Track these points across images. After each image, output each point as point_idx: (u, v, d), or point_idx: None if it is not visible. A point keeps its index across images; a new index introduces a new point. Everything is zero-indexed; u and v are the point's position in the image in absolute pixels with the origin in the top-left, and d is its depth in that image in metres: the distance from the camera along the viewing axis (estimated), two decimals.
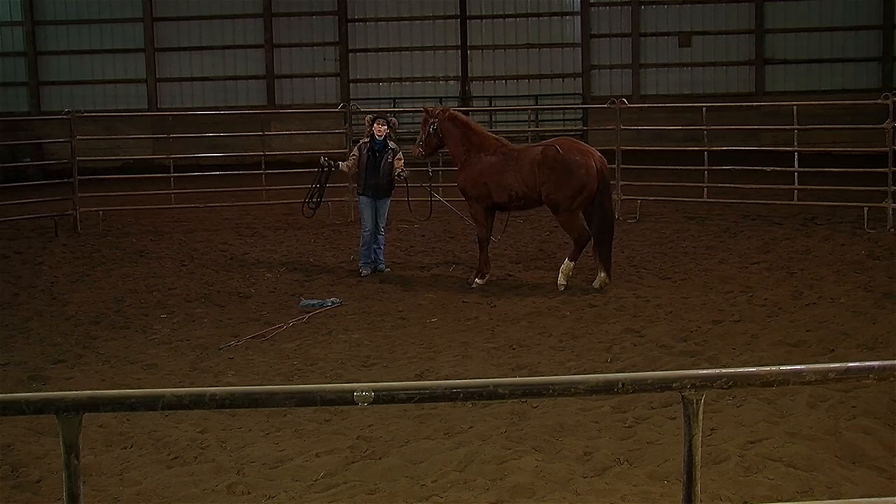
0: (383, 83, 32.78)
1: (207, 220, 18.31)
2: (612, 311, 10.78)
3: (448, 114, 12.83)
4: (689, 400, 3.17)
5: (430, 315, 10.94)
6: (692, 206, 17.84)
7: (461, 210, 14.44)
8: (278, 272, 13.58)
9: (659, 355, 8.97)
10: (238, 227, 17.53)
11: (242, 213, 18.78)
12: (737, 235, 15.34)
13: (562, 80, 32.16)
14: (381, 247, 13.48)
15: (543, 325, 10.28)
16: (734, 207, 17.51)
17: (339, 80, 32.48)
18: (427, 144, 12.93)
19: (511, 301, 11.45)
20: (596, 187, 11.62)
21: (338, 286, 12.59)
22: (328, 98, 32.00)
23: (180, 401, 3.13)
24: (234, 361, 9.31)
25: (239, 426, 7.31)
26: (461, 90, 32.31)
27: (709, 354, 8.89)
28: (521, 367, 8.79)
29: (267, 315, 11.13)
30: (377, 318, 10.86)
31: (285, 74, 32.49)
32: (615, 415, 7.27)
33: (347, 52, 32.47)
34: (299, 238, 16.34)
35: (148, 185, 19.78)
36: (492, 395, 3.22)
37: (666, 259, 13.70)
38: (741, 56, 31.01)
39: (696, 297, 11.27)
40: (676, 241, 15.04)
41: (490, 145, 12.36)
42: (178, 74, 32.42)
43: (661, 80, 31.59)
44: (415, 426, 7.18)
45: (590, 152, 11.84)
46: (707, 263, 13.27)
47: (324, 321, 10.78)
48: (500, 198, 12.15)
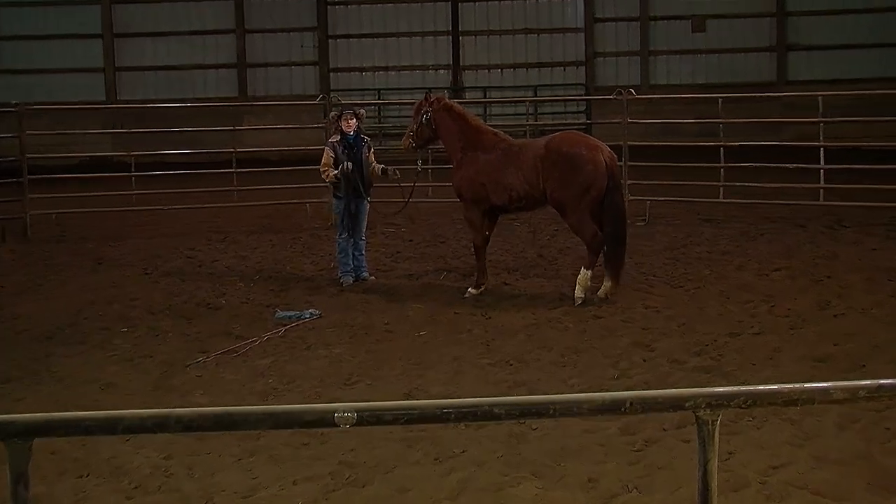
0: (367, 72, 32.83)
1: (173, 223, 18.28)
2: (619, 323, 10.78)
3: (443, 103, 12.79)
4: (704, 420, 3.17)
5: (419, 328, 10.92)
6: (707, 207, 17.87)
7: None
8: (251, 281, 13.56)
9: (671, 371, 8.98)
10: (207, 232, 17.50)
11: (212, 216, 18.75)
12: (756, 239, 15.37)
13: (563, 68, 32.25)
14: (363, 253, 13.47)
15: (543, 338, 10.28)
16: (753, 209, 17.54)
17: (318, 70, 32.52)
18: (418, 136, 12.85)
19: (508, 312, 11.45)
20: (605, 185, 11.57)
21: (317, 296, 12.57)
22: (306, 89, 32.03)
23: (143, 423, 3.12)
24: (202, 379, 9.29)
25: (208, 451, 7.29)
26: (452, 80, 32.37)
27: (726, 370, 8.89)
28: (518, 384, 8.78)
29: (239, 328, 11.10)
30: (360, 332, 10.85)
31: (258, 63, 32.51)
32: (623, 437, 7.27)
33: (327, 38, 32.51)
34: (274, 243, 16.32)
35: (106, 186, 19.71)
36: (487, 416, 3.22)
37: (678, 266, 13.71)
38: (761, 42, 31.12)
39: (712, 308, 11.28)
40: (690, 246, 15.05)
41: (488, 141, 12.31)
42: (140, 63, 32.40)
43: (672, 69, 31.68)
44: (402, 450, 7.17)
45: (598, 147, 11.76)
46: (723, 270, 13.28)
47: (301, 335, 10.76)
48: (499, 199, 12.10)
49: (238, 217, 18.62)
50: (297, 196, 18.88)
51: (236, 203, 18.92)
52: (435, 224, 17.49)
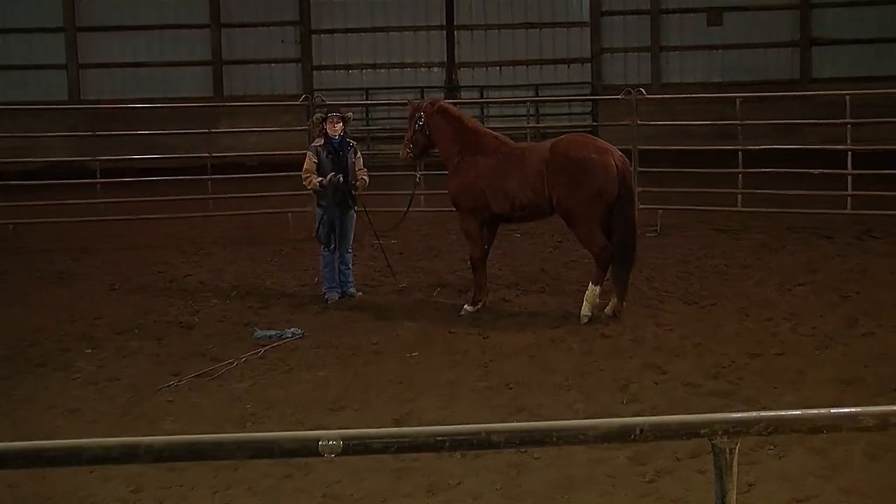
0: (353, 70, 32.86)
1: (142, 235, 18.27)
2: (628, 343, 10.79)
3: (437, 106, 12.80)
4: (721, 449, 3.18)
5: (411, 348, 10.92)
6: (724, 216, 17.88)
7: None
8: (228, 298, 13.55)
9: (685, 396, 8.98)
10: (179, 244, 17.49)
11: (185, 227, 18.74)
12: (778, 252, 15.39)
13: (567, 66, 32.30)
14: (350, 267, 13.47)
15: (546, 359, 10.28)
16: (775, 218, 17.56)
17: (301, 67, 32.54)
18: (414, 144, 12.88)
19: (507, 331, 11.45)
20: (617, 192, 11.56)
21: (299, 314, 12.57)
22: (287, 88, 32.04)
23: (109, 453, 3.12)
24: (174, 405, 9.28)
25: (180, 484, 7.28)
26: (447, 78, 32.41)
27: (745, 395, 8.90)
28: (519, 409, 8.79)
29: (214, 349, 11.09)
30: (346, 353, 10.84)
31: (236, 60, 32.51)
32: (633, 467, 7.27)
33: (310, 32, 32.54)
34: (253, 256, 16.31)
35: (70, 193, 19.70)
36: (484, 444, 3.22)
37: (692, 280, 13.72)
38: (782, 36, 31.19)
39: (730, 326, 11.29)
40: (705, 259, 15.07)
41: (487, 144, 12.31)
42: (106, 59, 32.38)
43: (685, 66, 31.75)
44: (392, 482, 7.17)
45: (608, 150, 11.74)
46: (742, 285, 13.29)
47: (282, 356, 10.75)
48: (500, 207, 12.08)
49: (213, 228, 18.61)
50: (278, 205, 18.86)
51: (212, 212, 18.90)
52: (428, 235, 17.49)
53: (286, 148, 19.53)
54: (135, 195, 19.36)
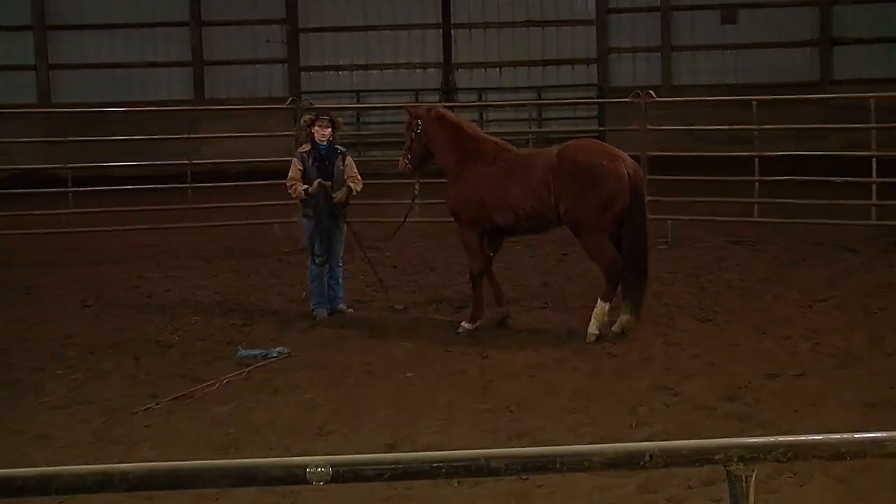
0: (343, 72, 32.91)
1: (117, 247, 18.25)
2: (636, 363, 10.78)
3: (435, 113, 12.79)
4: (736, 476, 3.18)
5: (405, 368, 10.92)
6: (739, 227, 17.90)
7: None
8: (209, 314, 13.54)
9: (698, 419, 8.98)
10: (158, 257, 17.48)
11: (163, 239, 18.73)
12: (797, 265, 15.40)
13: (571, 67, 32.36)
14: (340, 282, 13.47)
15: (549, 380, 10.28)
16: (794, 229, 17.57)
17: (287, 68, 32.59)
18: (412, 154, 12.84)
19: (508, 350, 11.44)
20: (628, 201, 11.55)
21: (286, 332, 12.56)
22: (273, 90, 32.08)
23: (82, 481, 3.11)
24: (151, 430, 9.26)
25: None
26: (443, 80, 32.45)
27: (762, 418, 8.90)
28: (520, 434, 8.78)
29: (194, 369, 11.08)
30: (336, 373, 10.84)
31: (218, 60, 32.56)
32: (642, 496, 7.26)
33: (297, 31, 32.59)
34: (237, 270, 16.31)
35: (39, 203, 19.69)
36: (483, 471, 3.22)
37: (706, 295, 13.73)
38: (801, 35, 31.26)
39: (746, 345, 11.29)
40: (719, 273, 15.08)
41: (488, 151, 12.29)
42: (78, 59, 32.41)
43: (698, 67, 31.80)
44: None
45: (619, 157, 11.72)
46: (759, 301, 13.30)
47: (268, 377, 10.74)
48: (503, 218, 12.06)
49: (194, 240, 18.60)
50: (263, 215, 18.87)
51: (192, 223, 18.90)
52: (423, 248, 17.49)
53: (272, 154, 19.50)
54: (109, 205, 19.36)
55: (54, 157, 22.49)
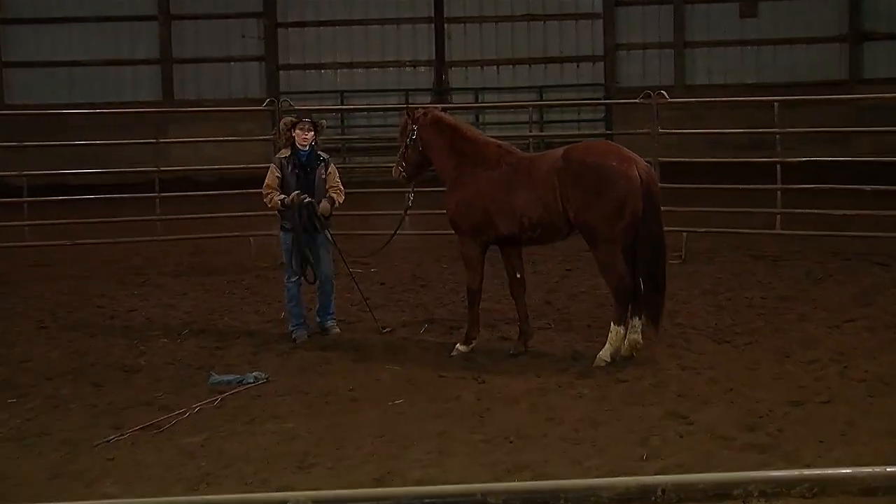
0: (326, 70, 33.00)
1: (77, 262, 18.25)
2: (648, 388, 10.78)
3: (432, 116, 12.76)
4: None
5: (393, 395, 10.90)
6: (760, 240, 17.92)
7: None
8: (179, 336, 13.53)
9: (715, 450, 8.98)
10: (122, 273, 17.48)
11: (128, 254, 18.73)
12: (824, 281, 15.42)
13: (576, 65, 32.47)
14: (332, 299, 13.42)
15: (552, 407, 10.27)
16: (819, 242, 17.60)
17: (265, 66, 32.66)
18: (407, 161, 12.80)
19: (507, 374, 11.43)
20: (641, 208, 11.50)
21: (263, 355, 12.55)
22: (249, 91, 32.17)
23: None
24: (115, 463, 9.24)
25: None
26: (435, 80, 32.54)
27: (785, 449, 8.90)
28: (520, 467, 8.77)
29: (163, 397, 11.06)
30: (318, 400, 10.82)
31: (188, 58, 32.62)
32: None
33: (276, 26, 32.67)
34: (209, 288, 16.31)
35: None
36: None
37: (723, 315, 13.74)
38: (828, 29, 31.36)
39: (767, 369, 11.29)
40: (738, 290, 15.09)
41: (490, 154, 12.24)
42: (35, 57, 32.46)
43: (714, 65, 31.91)
44: None
45: (631, 159, 11.63)
46: (782, 321, 13.31)
47: (243, 405, 10.73)
48: (507, 227, 11.98)
49: (162, 254, 18.60)
50: (238, 228, 18.88)
51: (160, 237, 18.89)
52: (414, 262, 17.49)
53: (247, 161, 19.57)
54: (69, 216, 19.35)
55: (9, 164, 22.46)
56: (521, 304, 12.48)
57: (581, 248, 14.12)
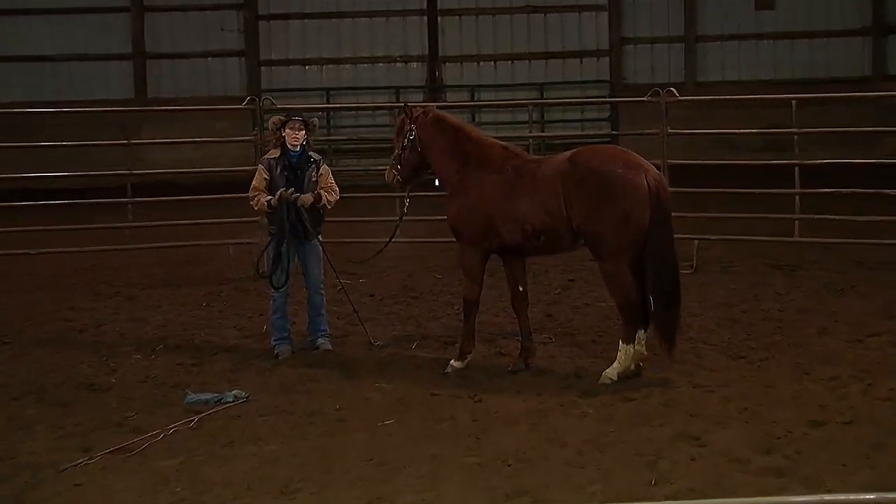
0: (311, 66, 33.01)
1: (44, 272, 18.23)
2: (657, 408, 10.77)
3: (432, 115, 12.71)
4: None
5: (383, 415, 10.90)
6: (777, 248, 17.93)
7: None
8: (152, 352, 13.52)
9: (729, 474, 8.98)
10: (91, 284, 17.47)
11: (98, 263, 18.71)
12: (846, 293, 15.44)
13: (579, 60, 32.50)
14: (322, 313, 13.38)
15: (553, 428, 10.27)
16: (841, 250, 17.60)
17: (245, 62, 32.67)
18: (404, 164, 12.82)
19: (505, 393, 11.42)
20: (649, 218, 11.49)
21: (243, 373, 12.54)
22: (228, 88, 32.18)
23: None
24: (82, 490, 9.23)
25: None
26: (428, 76, 32.55)
27: (805, 473, 8.90)
28: (519, 492, 8.77)
29: (135, 418, 11.05)
30: (303, 421, 10.81)
31: (163, 53, 32.63)
32: None
33: (257, 18, 32.69)
34: (184, 300, 16.29)
35: None
36: None
37: (737, 329, 13.74)
38: (850, 22, 31.42)
39: (785, 387, 11.29)
40: (753, 302, 15.10)
41: (494, 157, 12.21)
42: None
43: (728, 60, 31.96)
44: None
45: (641, 166, 11.62)
46: (800, 335, 13.32)
47: (222, 426, 10.72)
48: (511, 236, 11.93)
49: (135, 264, 18.58)
50: (216, 235, 18.87)
51: (132, 245, 18.87)
52: (405, 272, 17.48)
53: (227, 164, 19.55)
54: (34, 223, 19.32)
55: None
56: (523, 318, 12.49)
57: (584, 256, 14.14)
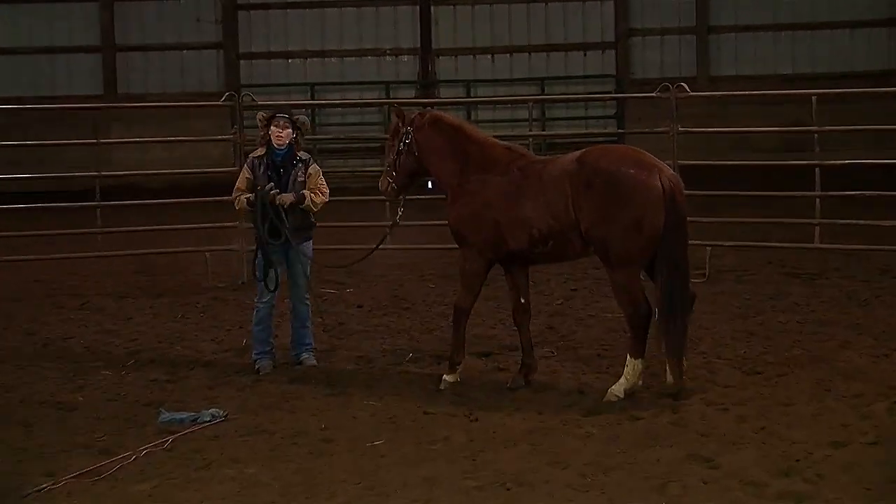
0: (294, 60, 33.02)
1: (6, 282, 18.22)
2: (666, 427, 10.77)
3: (430, 117, 12.67)
4: None
5: (372, 435, 10.89)
6: (796, 255, 17.94)
7: None
8: (123, 368, 13.51)
9: (744, 499, 8.99)
10: (56, 294, 17.47)
11: (64, 272, 18.71)
12: (870, 303, 15.45)
13: (583, 53, 32.53)
14: (308, 325, 13.34)
15: (555, 449, 10.27)
16: (865, 257, 17.62)
17: (223, 55, 32.66)
18: (399, 170, 12.77)
19: (503, 411, 11.42)
20: (663, 223, 11.43)
21: (221, 389, 12.54)
22: (205, 84, 32.18)
23: None
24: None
25: None
26: (421, 71, 32.56)
27: (826, 498, 8.90)
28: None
29: (104, 439, 11.03)
30: (285, 441, 10.81)
31: (134, 46, 32.62)
32: None
33: (235, 8, 32.71)
34: (158, 311, 16.29)
35: None
36: None
37: (753, 342, 13.75)
38: (875, 11, 31.45)
39: (805, 405, 11.29)
40: (770, 314, 15.11)
41: (498, 158, 12.19)
42: None
43: (743, 53, 31.99)
44: None
45: (655, 167, 11.59)
46: (821, 349, 13.32)
47: (198, 447, 10.71)
48: (517, 242, 11.89)
49: (103, 273, 18.58)
50: (191, 242, 18.86)
51: (101, 252, 18.86)
52: (395, 282, 17.48)
53: (203, 165, 19.54)
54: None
55: None
56: (524, 332, 12.48)
57: (589, 264, 14.19)
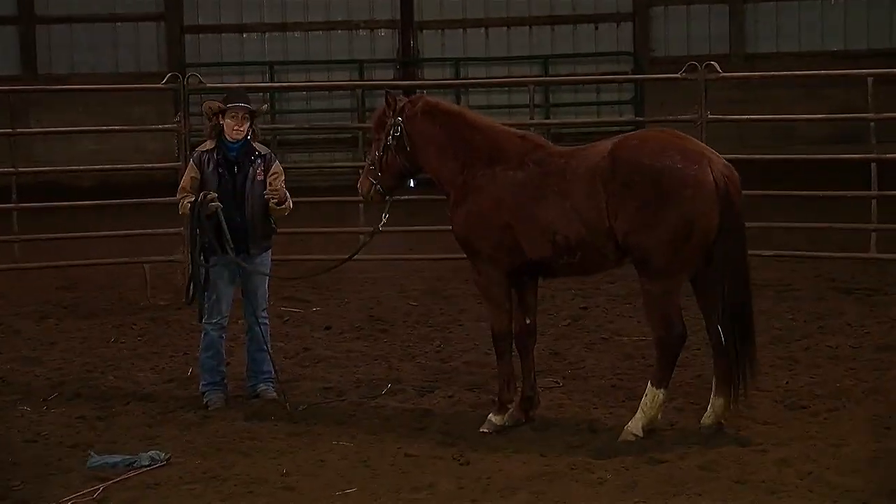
0: (250, 34, 33.01)
1: None
2: (693, 472, 10.77)
3: (422, 104, 12.57)
4: None
5: (343, 482, 10.90)
6: (847, 266, 18.01)
7: None
8: (44, 402, 13.52)
9: None
10: None
11: None
12: None
13: (594, 26, 32.57)
14: (266, 348, 13.30)
15: (561, 498, 10.28)
16: None
17: (165, 28, 32.66)
18: (387, 169, 12.66)
19: (499, 452, 11.43)
20: (717, 224, 11.36)
21: (162, 428, 12.55)
22: (144, 63, 32.19)
23: None
24: None
25: None
26: (401, 47, 32.57)
27: None
28: None
29: (20, 488, 11.03)
30: (239, 490, 10.80)
31: (57, 17, 32.61)
32: None
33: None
34: (87, 334, 16.30)
35: None
36: None
37: (798, 370, 13.79)
38: None
39: (858, 444, 11.31)
40: (818, 336, 15.15)
41: (510, 149, 12.08)
42: None
43: (784, 27, 32.04)
44: None
45: (704, 156, 11.48)
46: (879, 379, 13.36)
47: (135, 497, 10.72)
48: (536, 250, 11.79)
49: (21, 288, 18.60)
50: (127, 251, 18.87)
51: (17, 264, 18.87)
52: (371, 298, 17.50)
53: (141, 160, 19.62)
54: None
55: None
56: (527, 358, 12.42)
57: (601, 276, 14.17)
